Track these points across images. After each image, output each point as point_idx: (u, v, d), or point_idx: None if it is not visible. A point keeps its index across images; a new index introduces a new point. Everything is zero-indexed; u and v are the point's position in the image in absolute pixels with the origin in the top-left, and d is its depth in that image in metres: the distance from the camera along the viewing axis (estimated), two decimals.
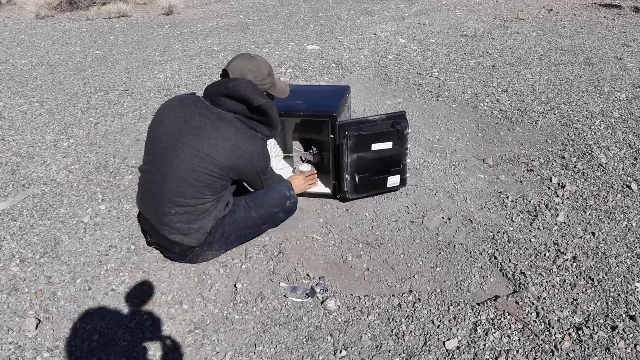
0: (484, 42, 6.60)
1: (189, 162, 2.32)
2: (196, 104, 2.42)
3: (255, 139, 2.42)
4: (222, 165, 2.34)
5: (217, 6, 11.27)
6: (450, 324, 2.16)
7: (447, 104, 4.58)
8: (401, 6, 9.61)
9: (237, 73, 2.42)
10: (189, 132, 2.35)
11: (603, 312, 2.17)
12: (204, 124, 2.35)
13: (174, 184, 2.35)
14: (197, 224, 2.43)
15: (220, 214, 2.51)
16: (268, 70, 2.52)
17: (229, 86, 2.33)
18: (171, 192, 2.37)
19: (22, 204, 3.25)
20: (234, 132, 2.36)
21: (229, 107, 2.37)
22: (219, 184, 2.39)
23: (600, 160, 3.42)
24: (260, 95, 2.36)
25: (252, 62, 2.46)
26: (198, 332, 2.21)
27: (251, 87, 2.35)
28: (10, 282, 2.54)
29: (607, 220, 2.81)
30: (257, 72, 2.45)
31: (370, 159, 2.91)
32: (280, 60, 6.20)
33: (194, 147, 2.32)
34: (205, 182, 2.35)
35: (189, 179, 2.34)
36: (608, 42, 6.29)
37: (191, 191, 2.35)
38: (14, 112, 4.90)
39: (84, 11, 11.20)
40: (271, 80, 2.55)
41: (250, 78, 2.41)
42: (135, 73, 6.05)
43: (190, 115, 2.38)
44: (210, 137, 2.33)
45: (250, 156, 2.39)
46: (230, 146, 2.34)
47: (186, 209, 2.39)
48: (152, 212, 2.49)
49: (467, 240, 2.73)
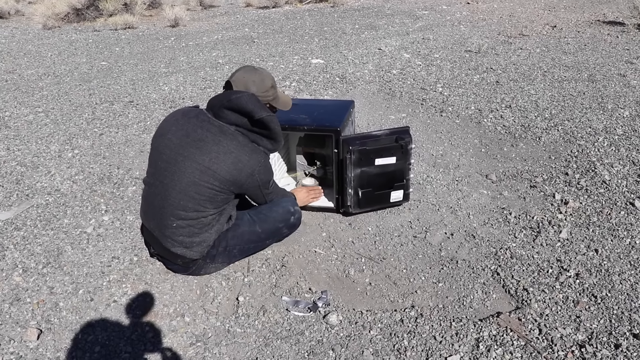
0: (488, 58, 6.64)
1: (190, 175, 2.32)
2: (198, 116, 2.41)
3: (256, 153, 2.40)
4: (223, 178, 2.33)
5: (222, 19, 11.36)
6: (453, 340, 2.15)
7: (450, 120, 4.60)
8: (405, 21, 9.67)
9: (240, 85, 2.42)
10: (191, 145, 2.35)
11: (606, 330, 2.16)
12: (206, 137, 2.35)
13: (175, 197, 2.36)
14: (199, 237, 2.43)
15: (222, 227, 2.51)
16: (271, 82, 2.52)
17: (232, 99, 2.33)
18: (173, 205, 2.37)
19: (25, 214, 3.26)
20: (235, 145, 2.35)
21: (231, 120, 2.36)
22: (220, 198, 2.39)
23: (604, 177, 3.42)
24: (262, 108, 2.34)
25: (256, 74, 2.47)
26: (200, 345, 2.20)
27: (253, 99, 2.34)
28: (12, 292, 2.55)
29: (611, 238, 2.80)
30: (260, 84, 2.45)
31: (373, 174, 2.92)
32: (285, 73, 6.24)
33: (195, 160, 2.32)
34: (207, 195, 2.35)
35: (191, 192, 2.34)
36: (612, 59, 6.32)
37: (193, 204, 2.35)
38: (20, 122, 4.94)
39: (90, 22, 11.31)
40: (274, 93, 2.55)
41: (253, 90, 2.41)
42: (141, 85, 6.09)
43: (192, 128, 2.38)
44: (211, 150, 2.33)
45: (251, 170, 2.37)
46: (232, 160, 2.33)
47: (188, 222, 2.39)
48: (154, 224, 2.50)
49: (469, 256, 2.73)
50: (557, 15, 9.73)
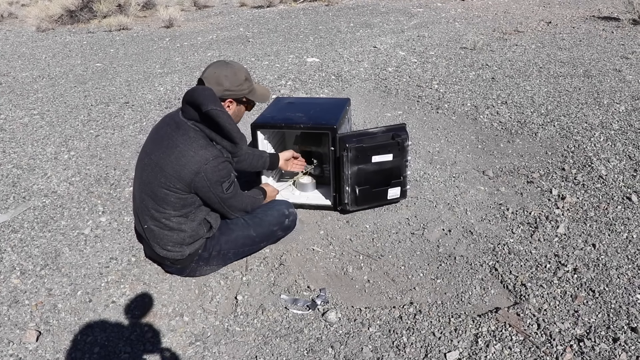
0: (483, 55, 6.64)
1: (146, 174, 2.31)
2: (172, 115, 2.38)
3: (206, 149, 2.24)
4: (168, 175, 2.23)
5: (217, 19, 11.34)
6: (451, 336, 2.16)
7: (447, 116, 4.60)
8: (400, 19, 9.68)
9: (212, 81, 2.33)
10: (153, 141, 2.34)
11: (604, 323, 2.17)
12: (165, 133, 2.31)
13: (140, 197, 2.37)
14: (172, 238, 2.38)
15: (200, 233, 2.43)
16: (245, 75, 2.41)
17: (189, 91, 2.25)
18: (141, 207, 2.39)
19: (22, 216, 3.25)
20: (184, 139, 2.24)
21: (190, 115, 2.26)
22: (172, 199, 2.28)
23: (600, 172, 3.43)
24: (212, 101, 2.19)
25: (228, 68, 2.37)
26: (199, 344, 2.20)
27: (206, 93, 2.22)
28: (10, 294, 2.54)
29: (608, 232, 2.81)
30: (233, 78, 2.36)
31: (370, 171, 2.92)
32: (280, 72, 6.24)
33: (150, 157, 2.30)
34: (160, 195, 2.28)
35: (148, 191, 2.32)
36: (607, 54, 6.33)
37: (152, 205, 2.32)
38: (15, 125, 4.92)
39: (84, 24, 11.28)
40: (249, 86, 2.44)
41: (227, 84, 2.33)
42: (136, 85, 6.08)
43: (161, 126, 2.37)
44: (163, 145, 2.27)
45: (197, 167, 2.21)
46: (176, 154, 2.22)
47: (155, 223, 2.37)
48: (138, 226, 2.54)
49: (467, 252, 2.73)
50: (552, 11, 9.75)
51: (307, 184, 3.30)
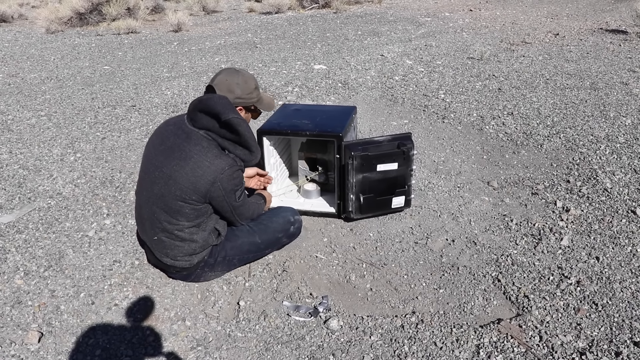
0: (490, 65, 6.65)
1: (158, 187, 2.28)
2: (176, 123, 2.33)
3: (221, 158, 2.22)
4: (184, 187, 2.21)
5: (225, 24, 11.40)
6: (453, 346, 2.15)
7: (452, 126, 4.60)
8: (408, 28, 9.70)
9: (223, 88, 2.34)
10: (161, 154, 2.29)
11: (607, 337, 2.16)
12: (174, 144, 2.26)
13: (150, 209, 2.36)
14: (183, 249, 2.39)
15: (210, 241, 2.44)
16: (254, 84, 2.45)
17: (202, 99, 2.22)
18: (150, 219, 2.38)
19: (27, 217, 3.27)
20: (197, 150, 2.21)
21: (203, 124, 2.22)
22: (187, 210, 2.27)
23: (605, 185, 3.42)
24: (231, 110, 2.19)
25: (239, 76, 2.39)
26: (200, 349, 2.20)
27: (224, 101, 2.21)
28: (14, 295, 2.55)
29: (612, 245, 2.80)
30: (244, 85, 2.39)
31: (375, 180, 2.92)
32: (288, 79, 6.26)
33: (161, 170, 2.26)
34: (175, 207, 2.27)
35: (160, 205, 2.30)
36: (614, 67, 6.33)
37: (165, 217, 2.31)
38: (22, 125, 4.95)
39: (93, 27, 11.35)
40: (258, 94, 2.48)
41: (238, 92, 2.35)
42: (143, 89, 6.11)
43: (167, 136, 2.32)
44: (174, 157, 2.23)
45: (213, 177, 2.20)
46: (191, 165, 2.20)
47: (167, 235, 2.36)
48: (144, 236, 2.54)
49: (470, 262, 2.73)
50: (559, 23, 9.76)
51: (312, 191, 3.30)
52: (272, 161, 3.19)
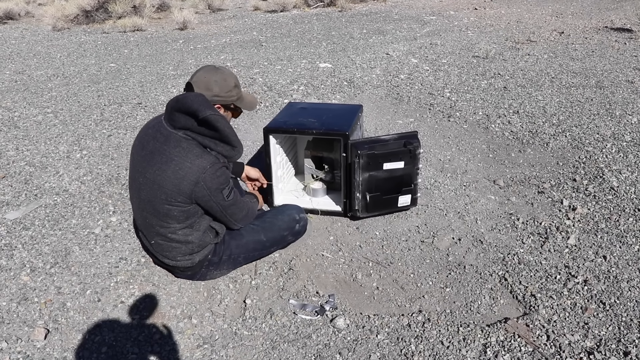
0: (495, 64, 6.63)
1: (144, 193, 2.27)
2: (155, 126, 2.30)
3: (202, 157, 2.18)
4: (168, 190, 2.19)
5: (230, 22, 11.40)
6: (460, 345, 2.15)
7: (458, 125, 4.59)
8: (413, 26, 9.68)
9: (201, 86, 2.28)
10: (144, 159, 2.26)
11: (615, 337, 2.15)
12: (155, 148, 2.23)
13: (142, 215, 2.37)
14: (181, 250, 2.39)
15: (208, 241, 2.43)
16: (234, 81, 2.37)
17: (179, 99, 2.17)
18: (144, 225, 2.40)
19: (34, 214, 3.28)
20: (178, 152, 2.17)
21: (181, 123, 2.18)
22: (175, 212, 2.25)
23: (612, 183, 3.41)
24: (208, 107, 2.14)
25: (217, 74, 2.32)
26: (207, 347, 2.21)
27: (200, 98, 2.16)
28: (20, 291, 2.55)
29: (619, 244, 2.79)
30: (223, 83, 2.31)
31: (381, 178, 2.92)
32: (293, 77, 6.25)
33: (145, 175, 2.24)
34: (163, 211, 2.25)
35: (150, 210, 2.30)
36: (619, 65, 6.30)
37: (156, 221, 2.31)
38: (29, 122, 4.96)
39: (99, 24, 11.37)
40: (238, 93, 2.40)
41: (216, 90, 2.28)
42: (149, 87, 6.12)
43: (147, 141, 2.28)
44: (156, 162, 2.21)
45: (195, 177, 2.16)
46: (172, 168, 2.17)
47: (162, 239, 2.37)
48: (144, 240, 2.56)
49: (477, 261, 2.72)
50: (564, 21, 9.72)
51: (318, 190, 3.30)
52: (278, 159, 3.19)
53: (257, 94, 5.64)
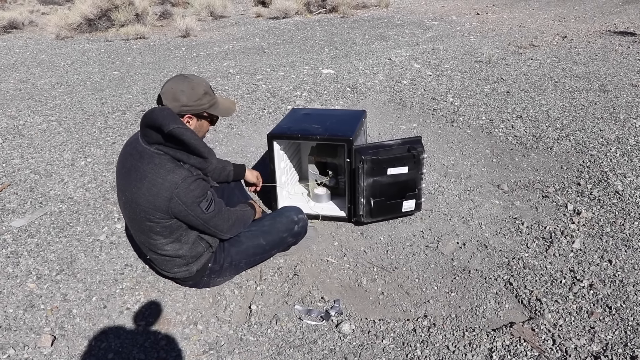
0: (498, 68, 6.64)
1: (127, 211, 2.29)
2: (132, 143, 2.28)
3: (174, 172, 2.13)
4: (145, 208, 2.17)
5: (233, 29, 11.44)
6: (466, 350, 2.14)
7: (461, 130, 4.60)
8: (415, 32, 9.70)
9: (169, 97, 2.20)
10: (123, 177, 2.26)
11: (622, 341, 2.14)
12: (131, 165, 2.21)
13: (133, 232, 2.40)
14: (176, 263, 2.40)
15: (199, 249, 2.40)
16: (203, 89, 2.26)
17: (146, 114, 2.14)
18: (138, 240, 2.43)
19: (39, 221, 3.29)
20: (150, 168, 2.14)
21: (153, 139, 2.14)
22: (158, 229, 2.24)
23: (617, 187, 3.40)
24: (172, 120, 2.07)
25: (184, 83, 2.23)
26: (212, 352, 2.21)
27: (165, 112, 2.10)
28: (26, 299, 2.56)
29: (624, 248, 2.79)
30: (190, 92, 2.21)
31: (385, 183, 2.92)
32: (296, 83, 6.27)
33: (125, 194, 2.25)
34: (146, 228, 2.25)
35: (135, 227, 2.32)
36: (623, 69, 6.30)
37: (144, 238, 2.33)
38: (33, 131, 4.99)
39: (102, 32, 11.43)
40: (210, 100, 2.30)
41: (183, 100, 2.20)
42: (152, 94, 6.14)
43: (126, 158, 2.27)
44: (132, 179, 2.19)
45: (168, 193, 2.12)
46: (146, 185, 2.14)
47: (154, 253, 2.39)
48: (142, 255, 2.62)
49: (482, 265, 2.72)
50: (567, 25, 9.73)
51: (322, 195, 3.31)
52: (282, 165, 3.20)
53: (260, 100, 5.66)
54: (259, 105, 5.51)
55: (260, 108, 5.41)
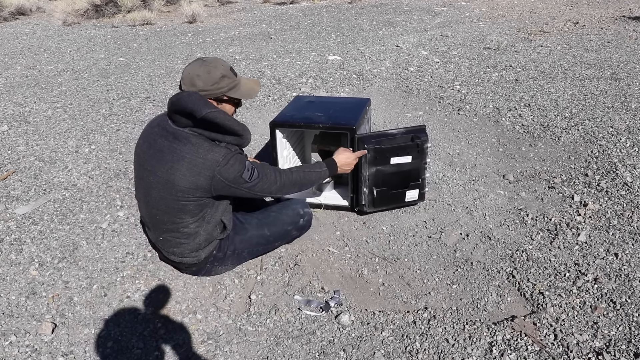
0: (507, 56, 6.55)
1: (156, 190, 2.26)
2: (160, 124, 2.29)
3: (213, 151, 2.16)
4: (184, 188, 2.18)
5: (239, 15, 11.37)
6: (465, 343, 2.12)
7: (468, 118, 4.54)
8: (424, 18, 9.59)
9: (187, 82, 2.21)
10: (152, 157, 2.25)
11: (625, 337, 2.11)
12: (163, 146, 2.22)
13: (151, 212, 2.36)
14: (189, 246, 2.39)
15: (215, 235, 2.41)
16: (221, 72, 2.23)
17: (174, 101, 2.15)
18: (152, 222, 2.39)
19: (43, 209, 3.29)
20: (188, 149, 2.16)
21: (183, 123, 2.17)
22: (191, 207, 2.26)
23: (626, 179, 3.35)
24: (204, 105, 2.10)
25: (202, 67, 2.21)
26: (211, 342, 2.20)
27: (193, 98, 2.12)
28: (29, 286, 2.57)
29: (632, 242, 2.74)
30: (207, 77, 2.20)
31: (388, 173, 2.89)
32: (302, 70, 6.22)
33: (156, 174, 2.23)
34: (177, 207, 2.25)
35: (162, 207, 2.29)
36: (636, 56, 6.19)
37: (168, 217, 2.30)
38: (39, 117, 4.99)
39: (109, 18, 11.40)
40: (230, 82, 2.27)
41: (200, 85, 2.19)
42: (158, 80, 6.12)
43: (154, 139, 2.27)
44: (167, 160, 2.20)
45: (210, 172, 2.16)
46: (186, 166, 2.16)
47: (172, 235, 2.36)
48: (150, 236, 2.57)
49: (485, 257, 2.69)
50: (579, 11, 9.57)
51: (325, 184, 3.28)
52: (285, 153, 3.18)
53: (266, 87, 5.62)
54: (264, 92, 5.47)
55: (265, 95, 5.37)
